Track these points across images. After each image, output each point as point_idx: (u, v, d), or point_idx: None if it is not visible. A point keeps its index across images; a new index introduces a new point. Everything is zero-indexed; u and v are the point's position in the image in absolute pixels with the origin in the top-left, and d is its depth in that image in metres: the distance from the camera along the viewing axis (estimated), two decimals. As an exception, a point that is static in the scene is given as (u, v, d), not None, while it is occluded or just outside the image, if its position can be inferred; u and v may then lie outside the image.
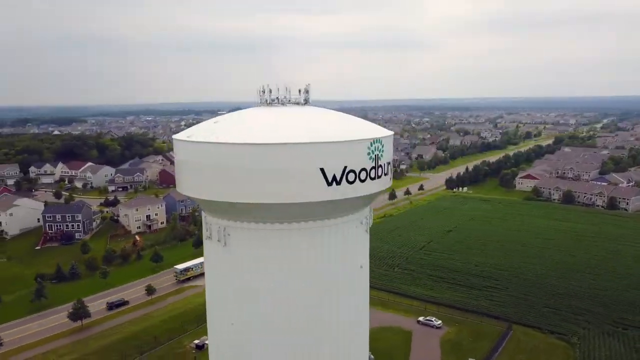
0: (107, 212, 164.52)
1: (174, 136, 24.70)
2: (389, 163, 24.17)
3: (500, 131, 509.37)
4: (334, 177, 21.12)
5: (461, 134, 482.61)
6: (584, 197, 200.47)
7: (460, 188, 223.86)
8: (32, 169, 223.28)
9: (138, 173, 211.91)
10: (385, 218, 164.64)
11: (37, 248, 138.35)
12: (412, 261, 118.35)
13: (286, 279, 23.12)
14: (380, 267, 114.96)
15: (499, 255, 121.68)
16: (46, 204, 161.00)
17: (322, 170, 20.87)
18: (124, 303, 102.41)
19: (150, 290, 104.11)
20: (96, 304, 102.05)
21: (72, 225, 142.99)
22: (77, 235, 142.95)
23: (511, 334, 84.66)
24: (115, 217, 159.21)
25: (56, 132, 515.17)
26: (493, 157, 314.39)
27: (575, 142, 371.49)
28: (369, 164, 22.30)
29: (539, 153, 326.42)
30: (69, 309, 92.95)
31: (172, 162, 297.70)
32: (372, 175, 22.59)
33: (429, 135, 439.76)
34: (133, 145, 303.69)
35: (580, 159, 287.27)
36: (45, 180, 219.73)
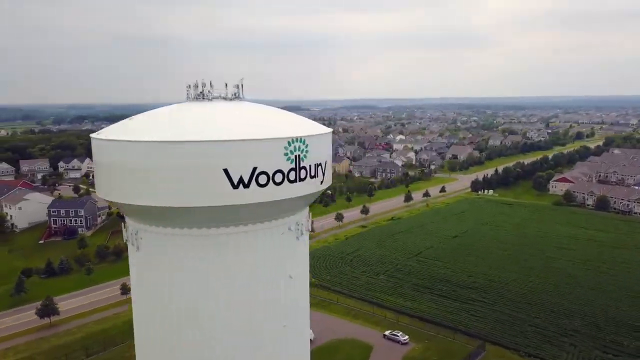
0: (115, 208, 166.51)
1: (92, 135, 22.62)
2: (320, 164, 22.11)
3: (550, 131, 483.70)
4: (241, 180, 19.43)
5: (506, 133, 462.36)
6: (621, 203, 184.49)
7: (486, 191, 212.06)
8: (60, 164, 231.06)
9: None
10: (392, 221, 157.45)
11: (40, 242, 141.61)
12: (401, 268, 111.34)
13: (198, 290, 21.52)
14: (365, 274, 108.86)
15: (499, 266, 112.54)
16: (60, 197, 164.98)
17: (226, 171, 19.17)
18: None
19: (125, 289, 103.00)
20: (74, 301, 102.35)
21: (75, 220, 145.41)
22: (80, 231, 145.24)
23: (483, 355, 76.92)
24: (122, 214, 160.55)
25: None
26: (534, 159, 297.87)
27: (629, 144, 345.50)
28: (286, 166, 20.27)
29: (584, 155, 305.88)
30: (37, 306, 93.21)
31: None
32: (292, 177, 20.51)
33: (470, 135, 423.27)
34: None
35: (628, 162, 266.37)
36: (73, 175, 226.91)
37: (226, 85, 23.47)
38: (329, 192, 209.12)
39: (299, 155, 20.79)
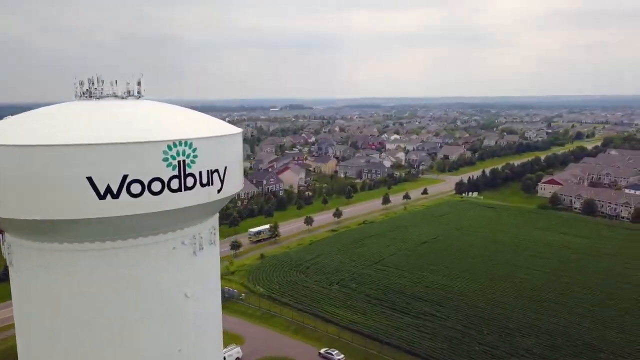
0: None
1: None
2: (216, 170, 20.11)
3: (550, 131, 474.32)
4: (109, 189, 17.50)
5: (504, 133, 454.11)
6: (608, 207, 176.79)
7: (470, 193, 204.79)
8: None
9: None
10: (363, 225, 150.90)
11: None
12: (357, 278, 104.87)
13: (71, 313, 19.46)
14: (317, 284, 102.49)
15: (462, 275, 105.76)
16: None
17: (89, 179, 17.31)
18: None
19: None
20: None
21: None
22: None
23: (422, 377, 70.56)
24: None
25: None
26: (527, 159, 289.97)
27: (628, 144, 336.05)
28: (167, 173, 18.26)
29: (579, 155, 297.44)
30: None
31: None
32: (174, 186, 18.46)
33: (466, 135, 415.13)
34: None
35: (623, 163, 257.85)
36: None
37: (116, 82, 21.49)
38: (308, 194, 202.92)
39: (184, 161, 18.74)
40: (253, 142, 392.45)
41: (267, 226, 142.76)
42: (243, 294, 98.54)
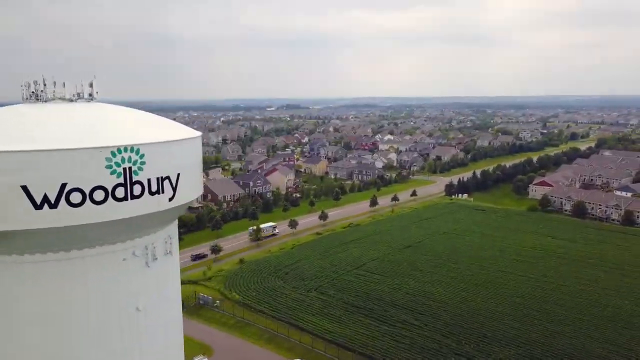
0: None
1: None
2: (168, 177, 18.87)
3: (545, 131, 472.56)
4: (46, 198, 16.47)
5: (499, 133, 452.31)
6: (599, 209, 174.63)
7: (460, 195, 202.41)
8: None
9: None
10: (348, 229, 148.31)
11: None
12: (336, 284, 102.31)
13: (22, 327, 18.35)
14: (296, 291, 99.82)
15: (444, 281, 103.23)
16: None
17: (24, 188, 16.39)
18: None
19: None
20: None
21: None
22: None
23: (394, 391, 68.00)
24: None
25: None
26: (520, 160, 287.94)
27: (622, 145, 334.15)
28: (111, 181, 17.31)
29: (572, 156, 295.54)
30: None
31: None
32: (120, 195, 17.50)
33: (460, 135, 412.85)
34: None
35: (615, 165, 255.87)
36: None
37: (64, 84, 20.18)
38: (295, 195, 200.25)
39: (131, 168, 17.67)
40: (245, 142, 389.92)
41: (271, 224, 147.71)
42: (218, 301, 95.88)
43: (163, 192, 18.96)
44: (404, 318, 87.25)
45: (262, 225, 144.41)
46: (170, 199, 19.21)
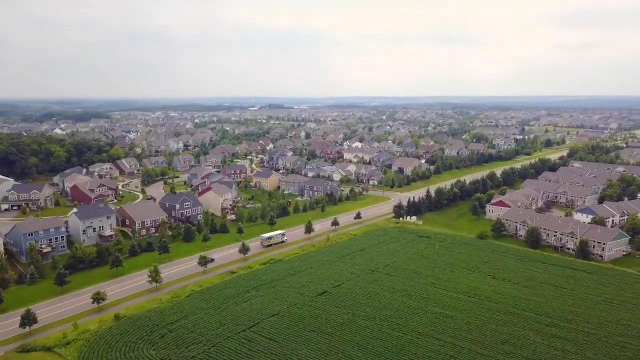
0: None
1: None
2: None
3: (520, 137, 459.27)
4: None
5: (473, 140, 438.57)
6: (554, 236, 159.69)
7: (410, 217, 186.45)
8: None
9: (34, 190, 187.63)
10: (268, 266, 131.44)
11: None
12: (221, 350, 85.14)
13: None
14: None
15: (341, 350, 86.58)
16: None
17: None
18: None
19: None
20: None
21: None
22: None
23: None
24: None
25: (57, 130, 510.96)
26: (485, 172, 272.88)
27: (594, 156, 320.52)
28: None
29: (540, 169, 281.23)
30: None
31: (122, 171, 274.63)
32: None
33: (431, 142, 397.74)
34: (84, 152, 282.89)
35: (583, 180, 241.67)
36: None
37: None
38: (232, 218, 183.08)
39: None
40: (207, 149, 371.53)
41: (280, 231, 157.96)
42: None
43: None
44: (274, 409, 70.78)
45: (266, 235, 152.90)
46: None
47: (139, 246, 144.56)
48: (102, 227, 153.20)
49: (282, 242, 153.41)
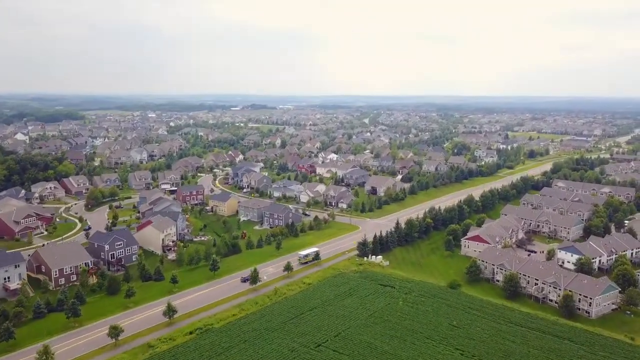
0: None
1: None
2: None
3: (503, 146, 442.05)
4: None
5: (455, 150, 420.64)
6: (535, 285, 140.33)
7: (375, 257, 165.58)
8: None
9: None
10: (191, 337, 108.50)
11: None
12: None
13: None
14: None
15: None
16: None
17: None
18: None
19: None
20: None
21: None
22: None
23: None
24: None
25: (19, 135, 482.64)
26: (467, 192, 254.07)
27: (580, 171, 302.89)
28: None
29: (522, 188, 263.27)
30: None
31: (68, 191, 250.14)
32: None
33: (411, 154, 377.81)
34: (27, 168, 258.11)
35: (567, 205, 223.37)
36: None
37: None
38: (172, 259, 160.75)
39: None
40: (171, 161, 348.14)
41: (315, 249, 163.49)
42: None
43: None
44: None
45: (303, 252, 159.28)
46: None
47: (47, 304, 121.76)
48: (8, 277, 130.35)
49: (317, 259, 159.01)
